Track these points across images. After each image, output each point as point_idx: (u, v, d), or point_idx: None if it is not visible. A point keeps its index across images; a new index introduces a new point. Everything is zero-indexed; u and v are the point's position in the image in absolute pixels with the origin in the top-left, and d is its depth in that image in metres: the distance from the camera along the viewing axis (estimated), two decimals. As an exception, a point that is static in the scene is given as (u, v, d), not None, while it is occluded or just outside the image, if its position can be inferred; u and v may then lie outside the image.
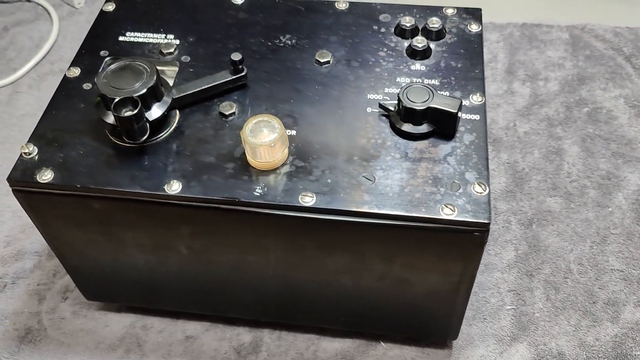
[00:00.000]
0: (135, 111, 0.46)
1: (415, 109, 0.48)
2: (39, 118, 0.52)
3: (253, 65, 0.55)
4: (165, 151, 0.49)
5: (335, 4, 0.60)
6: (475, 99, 0.52)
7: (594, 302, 0.64)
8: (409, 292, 0.53)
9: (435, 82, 0.53)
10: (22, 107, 0.85)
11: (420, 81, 0.53)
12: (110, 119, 0.48)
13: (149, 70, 0.48)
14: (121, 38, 0.58)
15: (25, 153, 0.50)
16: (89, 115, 0.52)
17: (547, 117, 0.80)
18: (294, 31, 0.58)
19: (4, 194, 0.75)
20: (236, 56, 0.51)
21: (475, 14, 0.59)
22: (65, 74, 0.55)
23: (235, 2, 0.61)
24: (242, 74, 0.53)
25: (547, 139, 0.78)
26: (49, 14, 0.97)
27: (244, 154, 0.49)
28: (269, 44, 0.57)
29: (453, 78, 0.53)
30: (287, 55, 0.56)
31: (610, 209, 0.71)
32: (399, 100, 0.49)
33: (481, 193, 0.46)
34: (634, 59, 0.85)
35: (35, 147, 0.50)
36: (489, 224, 0.45)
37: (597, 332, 0.62)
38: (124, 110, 0.46)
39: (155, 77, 0.48)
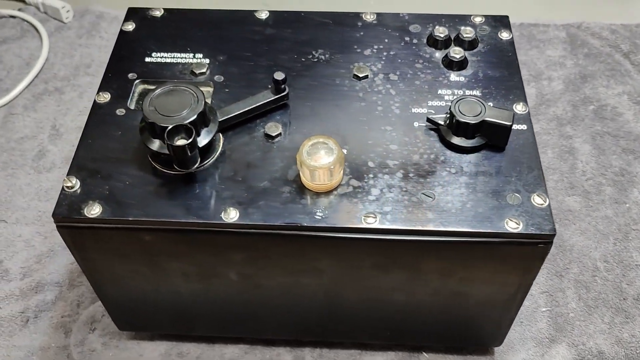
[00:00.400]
0: (190, 140, 0.44)
1: (469, 123, 0.48)
2: (76, 148, 0.50)
3: (289, 83, 0.54)
4: (215, 177, 0.48)
5: (363, 16, 0.60)
6: (520, 108, 0.52)
7: (624, 299, 0.65)
8: (462, 303, 0.53)
9: (477, 92, 0.53)
10: (20, 130, 0.81)
11: (462, 92, 0.53)
12: (157, 146, 0.46)
13: (195, 94, 0.47)
14: (148, 59, 0.56)
15: (67, 187, 0.47)
16: (129, 143, 0.50)
17: (556, 116, 0.81)
18: (325, 45, 0.57)
19: (13, 222, 0.71)
20: (279, 75, 0.50)
21: (503, 21, 0.59)
22: (95, 100, 0.53)
23: (260, 17, 0.60)
24: (284, 93, 0.51)
25: (558, 139, 0.79)
26: (36, 29, 0.93)
27: (297, 176, 0.48)
28: (302, 59, 0.56)
29: (493, 88, 0.53)
30: (322, 71, 0.55)
31: (627, 205, 0.72)
32: (451, 113, 0.48)
33: (542, 205, 0.46)
34: (632, 55, 0.87)
35: (77, 179, 0.48)
36: (553, 235, 0.45)
37: (632, 328, 0.63)
38: (176, 138, 0.45)
39: (203, 102, 0.46)
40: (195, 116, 0.46)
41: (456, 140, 0.49)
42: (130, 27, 0.59)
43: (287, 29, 0.58)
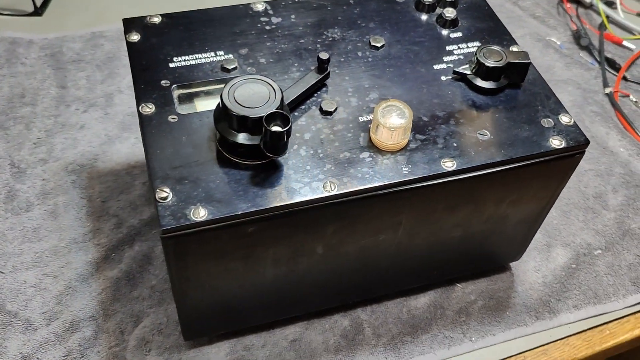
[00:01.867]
0: (288, 126, 0.46)
1: (497, 67, 0.55)
2: (147, 162, 0.49)
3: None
4: (299, 158, 0.50)
5: (351, -6, 0.64)
6: (516, 48, 0.61)
7: (587, 199, 0.78)
8: (501, 226, 0.61)
9: (477, 43, 0.61)
10: (-29, 176, 0.74)
11: (465, 45, 0.60)
12: (242, 138, 0.48)
13: (269, 84, 0.49)
14: (172, 64, 0.56)
15: (161, 198, 0.47)
16: (198, 145, 0.50)
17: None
18: (333, 25, 0.61)
19: (10, 271, 0.66)
20: (324, 55, 0.54)
21: (467, -19, 0.67)
22: (140, 112, 0.52)
23: (258, 9, 0.62)
24: (328, 71, 0.55)
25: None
26: (-59, 68, 0.84)
27: (370, 141, 0.52)
28: (319, 40, 0.59)
29: (487, 37, 0.62)
30: (343, 47, 0.59)
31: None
32: (478, 61, 0.55)
33: (569, 122, 0.55)
34: (520, 2, 1.01)
35: (168, 189, 0.47)
36: (587, 144, 0.54)
37: (601, 220, 0.76)
38: (272, 126, 0.47)
39: (280, 90, 0.49)
40: (279, 103, 0.48)
41: (485, 84, 0.56)
42: (135, 37, 0.58)
43: (291, 15, 0.61)
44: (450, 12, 0.62)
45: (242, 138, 0.48)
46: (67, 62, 0.86)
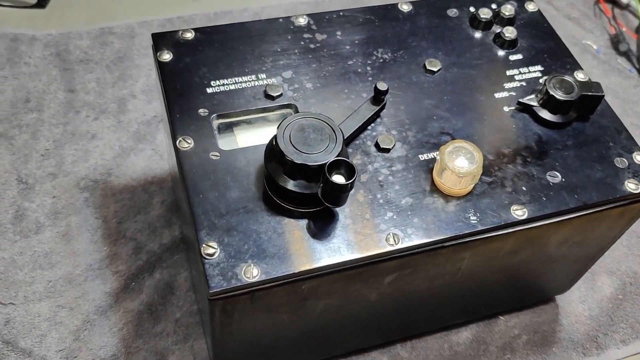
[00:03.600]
0: (353, 178, 0.41)
1: (568, 100, 0.50)
2: (189, 207, 0.44)
3: (370, 88, 0.52)
4: (357, 205, 0.45)
5: (399, 7, 0.59)
6: (581, 76, 0.56)
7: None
8: (558, 264, 0.57)
9: (539, 67, 0.56)
10: (-27, 192, 0.68)
11: (526, 70, 0.55)
12: (296, 186, 0.43)
13: (327, 123, 0.44)
14: (209, 90, 0.50)
15: (208, 254, 0.42)
16: (246, 188, 0.45)
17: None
18: (383, 43, 0.55)
19: (22, 302, 0.61)
20: (382, 86, 0.48)
21: (522, -7, 0.62)
22: (178, 148, 0.47)
23: (300, 23, 0.56)
24: (384, 102, 0.50)
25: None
26: (-64, 68, 0.77)
27: (433, 184, 0.47)
28: (369, 62, 0.54)
29: (549, 60, 0.56)
30: (395, 70, 0.54)
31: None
32: (547, 93, 0.50)
33: (644, 161, 0.51)
34: (555, 2, 0.96)
35: (215, 243, 0.42)
36: (664, 187, 0.50)
37: (648, 245, 0.72)
38: (334, 175, 0.41)
39: (340, 131, 0.43)
40: (340, 148, 0.43)
41: (553, 118, 0.51)
42: (167, 56, 0.52)
43: (336, 31, 0.56)
44: (510, 32, 0.56)
45: (297, 186, 0.43)
46: (75, 61, 0.80)
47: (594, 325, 0.66)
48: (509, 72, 0.55)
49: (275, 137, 0.43)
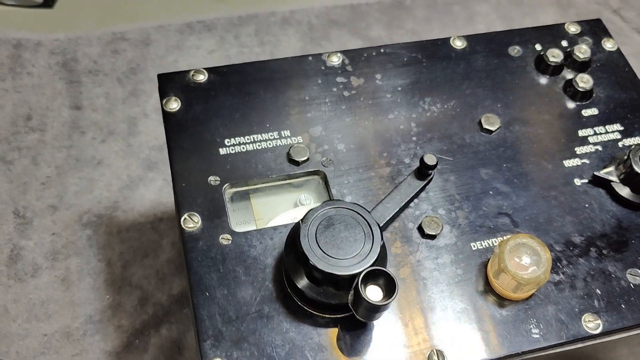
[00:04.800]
0: (394, 295, 0.33)
1: (659, 179, 0.41)
2: (192, 310, 0.37)
3: (415, 152, 0.43)
4: (395, 309, 0.37)
5: (451, 43, 0.49)
6: (671, 139, 0.46)
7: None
8: None
9: (618, 126, 0.46)
10: (-33, 224, 0.62)
11: (603, 129, 0.46)
12: (323, 296, 0.35)
13: (363, 216, 0.35)
14: (223, 150, 0.42)
15: (212, 373, 0.35)
16: (260, 284, 0.37)
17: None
18: (431, 90, 0.47)
19: (23, 356, 0.55)
20: (431, 160, 0.40)
21: (599, 26, 0.52)
22: (182, 227, 0.39)
23: (333, 63, 0.47)
24: (431, 177, 0.41)
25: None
26: None
27: (486, 283, 0.39)
28: (414, 115, 0.45)
29: (630, 116, 0.47)
30: (444, 127, 0.45)
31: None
32: (631, 168, 0.41)
33: None
34: (623, 11, 0.85)
35: (220, 358, 0.35)
36: None
37: None
38: (368, 288, 0.33)
39: (377, 227, 0.35)
40: (378, 251, 0.34)
41: (636, 198, 0.42)
42: (175, 105, 0.44)
43: (375, 74, 0.47)
44: (585, 82, 0.47)
45: (323, 294, 0.35)
46: (82, 72, 0.72)
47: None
48: (581, 132, 0.46)
49: (297, 234, 0.35)
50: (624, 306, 0.39)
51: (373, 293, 0.33)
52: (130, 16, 0.77)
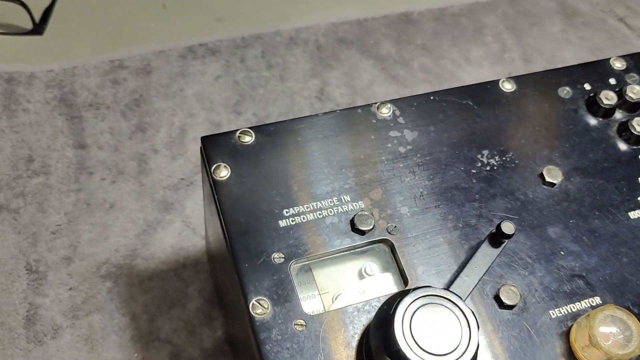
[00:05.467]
0: (500, 386, 0.31)
1: None
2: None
3: (480, 211, 0.41)
4: (480, 391, 0.36)
5: (500, 85, 0.47)
6: None
7: None
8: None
9: (677, 170, 0.45)
10: (-26, 283, 0.57)
11: (663, 174, 0.45)
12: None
13: (454, 303, 0.33)
14: (283, 222, 0.39)
15: None
16: (342, 375, 0.35)
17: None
18: (486, 142, 0.45)
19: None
20: (509, 228, 0.38)
21: (642, 61, 0.51)
22: (251, 315, 0.36)
23: (383, 115, 0.45)
24: (506, 243, 0.39)
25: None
26: None
27: (569, 354, 0.37)
28: (474, 172, 0.43)
29: (686, 158, 0.46)
30: (506, 182, 0.43)
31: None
32: (703, 224, 0.41)
33: None
34: (628, 19, 0.84)
35: None
36: None
37: None
38: (471, 386, 0.32)
39: (472, 314, 0.33)
40: (476, 346, 0.33)
41: None
42: (225, 173, 0.41)
43: (429, 126, 0.45)
44: (641, 125, 0.46)
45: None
46: (82, 106, 0.68)
47: None
48: (641, 179, 0.45)
49: (391, 329, 0.32)
50: None
51: (475, 389, 0.32)
52: (127, 41, 0.73)
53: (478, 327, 0.33)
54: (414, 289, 0.34)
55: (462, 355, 0.32)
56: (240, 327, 0.42)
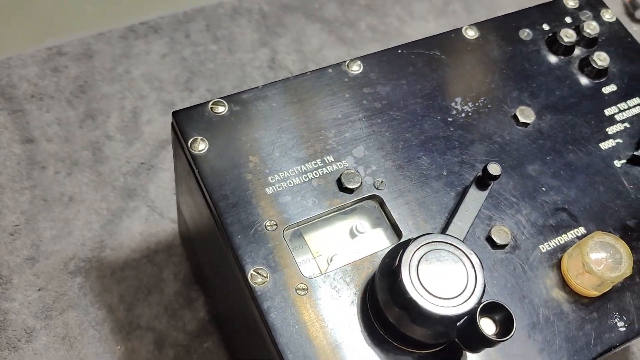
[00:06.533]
0: (514, 329, 0.32)
1: (697, 153, 0.42)
2: (289, 376, 0.34)
3: (461, 157, 0.42)
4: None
5: (463, 33, 0.48)
6: (684, 104, 0.48)
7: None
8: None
9: (638, 99, 0.47)
10: None
11: (626, 105, 0.47)
12: (428, 336, 0.33)
13: (459, 247, 0.33)
14: (269, 189, 0.38)
15: None
16: (345, 328, 0.35)
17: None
18: (458, 90, 0.45)
19: None
20: (495, 170, 0.38)
21: (593, -2, 0.52)
22: (251, 285, 0.35)
23: (354, 72, 0.44)
24: (492, 185, 0.40)
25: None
26: None
27: (562, 284, 0.38)
28: (450, 119, 0.43)
29: (644, 87, 0.48)
30: (481, 127, 0.43)
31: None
32: (671, 146, 0.42)
33: None
34: None
35: None
36: None
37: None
38: (481, 322, 0.32)
39: (476, 257, 0.34)
40: (482, 285, 0.33)
41: (675, 172, 0.43)
42: (202, 146, 0.39)
43: (400, 80, 0.44)
44: (602, 60, 0.47)
45: (430, 335, 0.33)
46: (23, 98, 0.64)
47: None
48: (607, 111, 0.46)
49: (398, 280, 0.32)
50: (688, 283, 0.40)
51: (488, 327, 0.32)
52: (63, 27, 0.69)
53: (482, 267, 0.33)
54: (415, 238, 0.34)
55: (471, 294, 0.32)
56: (235, 303, 0.41)
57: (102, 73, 0.66)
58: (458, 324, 0.33)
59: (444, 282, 0.33)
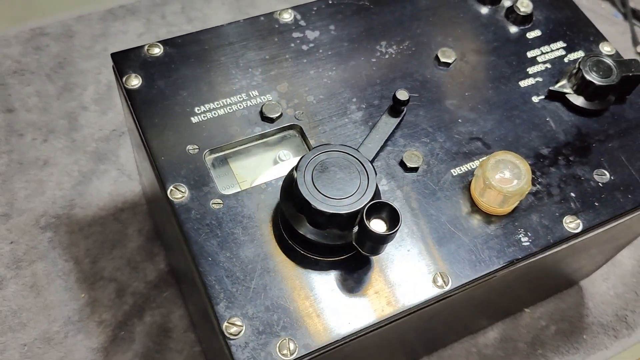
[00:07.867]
0: (398, 225, 0.34)
1: (609, 85, 0.44)
2: (199, 277, 0.36)
3: (382, 93, 0.44)
4: (393, 243, 0.39)
5: (394, -14, 0.51)
6: (607, 49, 0.50)
7: None
8: (594, 256, 0.52)
9: (561, 43, 0.49)
10: None
11: (549, 49, 0.49)
12: (328, 239, 0.36)
13: (353, 155, 0.36)
14: (195, 119, 0.42)
15: (231, 334, 0.35)
16: (259, 241, 0.37)
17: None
18: (384, 34, 0.48)
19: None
20: (403, 95, 0.41)
21: (524, -45, 0.55)
22: (172, 201, 0.38)
23: (285, 20, 0.47)
24: (404, 113, 0.42)
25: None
26: None
27: (472, 204, 0.41)
28: (373, 59, 0.46)
29: (570, 33, 0.50)
30: (404, 66, 0.46)
31: None
32: (583, 79, 0.44)
33: (691, 144, 0.46)
34: None
35: (238, 319, 0.35)
36: None
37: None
38: (372, 221, 0.34)
39: (369, 164, 0.36)
40: (374, 187, 0.35)
41: (589, 105, 0.45)
42: (136, 82, 0.43)
43: (329, 25, 0.47)
44: (525, 6, 0.49)
45: (328, 237, 0.36)
46: (7, 74, 0.68)
47: (620, 304, 0.62)
48: (530, 54, 0.48)
49: (294, 182, 0.35)
50: (597, 204, 0.42)
51: (377, 226, 0.34)
52: (45, 9, 0.74)
53: (375, 174, 0.36)
54: (314, 148, 0.36)
55: (361, 197, 0.35)
56: (169, 229, 0.44)
57: (80, 51, 0.71)
58: (354, 228, 0.35)
59: (338, 186, 0.35)
